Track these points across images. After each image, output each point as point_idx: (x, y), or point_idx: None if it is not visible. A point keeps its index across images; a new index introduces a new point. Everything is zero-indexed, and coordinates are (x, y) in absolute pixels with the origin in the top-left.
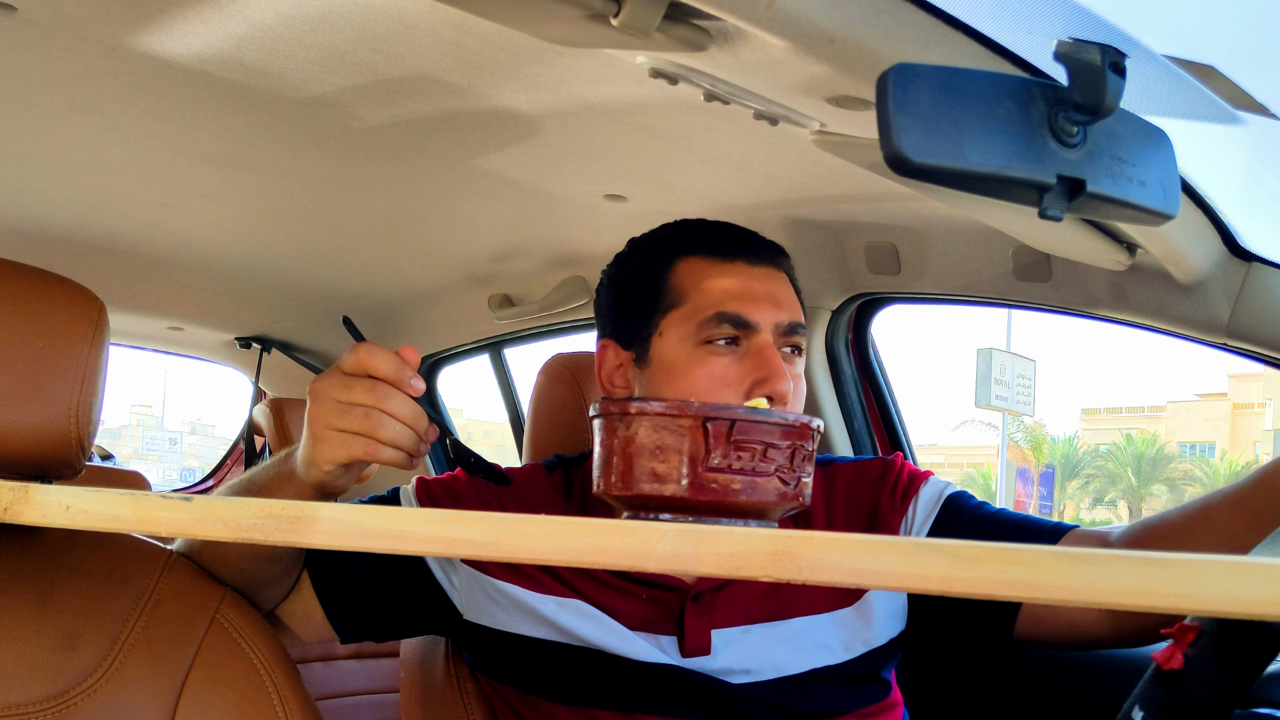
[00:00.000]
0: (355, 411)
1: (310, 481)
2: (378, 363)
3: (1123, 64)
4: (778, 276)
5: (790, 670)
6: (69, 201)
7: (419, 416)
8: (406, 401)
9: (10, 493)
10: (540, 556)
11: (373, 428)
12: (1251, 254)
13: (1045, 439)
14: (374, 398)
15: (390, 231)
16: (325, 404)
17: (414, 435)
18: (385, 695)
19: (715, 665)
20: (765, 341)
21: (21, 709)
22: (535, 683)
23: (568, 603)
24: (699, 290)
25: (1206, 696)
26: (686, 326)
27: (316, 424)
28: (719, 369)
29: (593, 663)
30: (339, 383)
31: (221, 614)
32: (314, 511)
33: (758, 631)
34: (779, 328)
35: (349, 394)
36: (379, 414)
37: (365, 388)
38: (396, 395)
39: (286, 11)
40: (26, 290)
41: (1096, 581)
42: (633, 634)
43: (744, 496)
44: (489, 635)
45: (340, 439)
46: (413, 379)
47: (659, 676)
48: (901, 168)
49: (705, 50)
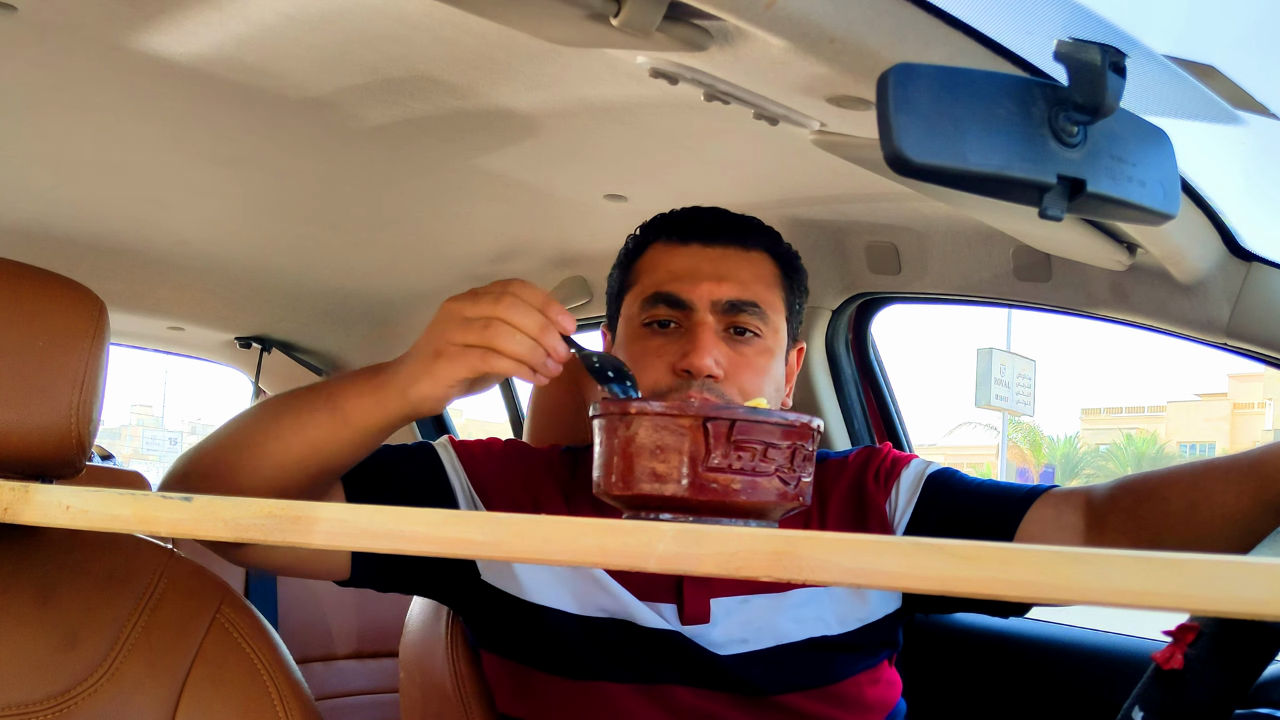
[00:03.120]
0: (477, 323)
1: (413, 398)
2: (521, 287)
3: (1123, 64)
4: (736, 255)
5: (788, 639)
6: (69, 201)
7: (545, 330)
8: (532, 314)
9: (10, 493)
10: (540, 556)
11: (492, 338)
12: (1251, 254)
13: (1042, 439)
14: (498, 308)
15: (390, 231)
16: (449, 320)
17: (539, 349)
18: (385, 695)
19: (715, 634)
20: (699, 320)
21: (21, 709)
22: (541, 656)
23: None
24: (649, 272)
25: (1206, 697)
26: (634, 306)
27: (438, 338)
28: (653, 346)
29: (600, 632)
30: (468, 298)
31: (221, 614)
32: (314, 512)
33: (756, 601)
34: (717, 305)
35: (474, 307)
36: (500, 324)
37: (492, 297)
38: (522, 306)
39: (286, 11)
40: (26, 290)
41: (1096, 581)
42: (638, 600)
43: (744, 496)
44: (500, 601)
45: (460, 354)
46: (561, 315)
47: (662, 644)
48: (901, 168)
49: (705, 50)
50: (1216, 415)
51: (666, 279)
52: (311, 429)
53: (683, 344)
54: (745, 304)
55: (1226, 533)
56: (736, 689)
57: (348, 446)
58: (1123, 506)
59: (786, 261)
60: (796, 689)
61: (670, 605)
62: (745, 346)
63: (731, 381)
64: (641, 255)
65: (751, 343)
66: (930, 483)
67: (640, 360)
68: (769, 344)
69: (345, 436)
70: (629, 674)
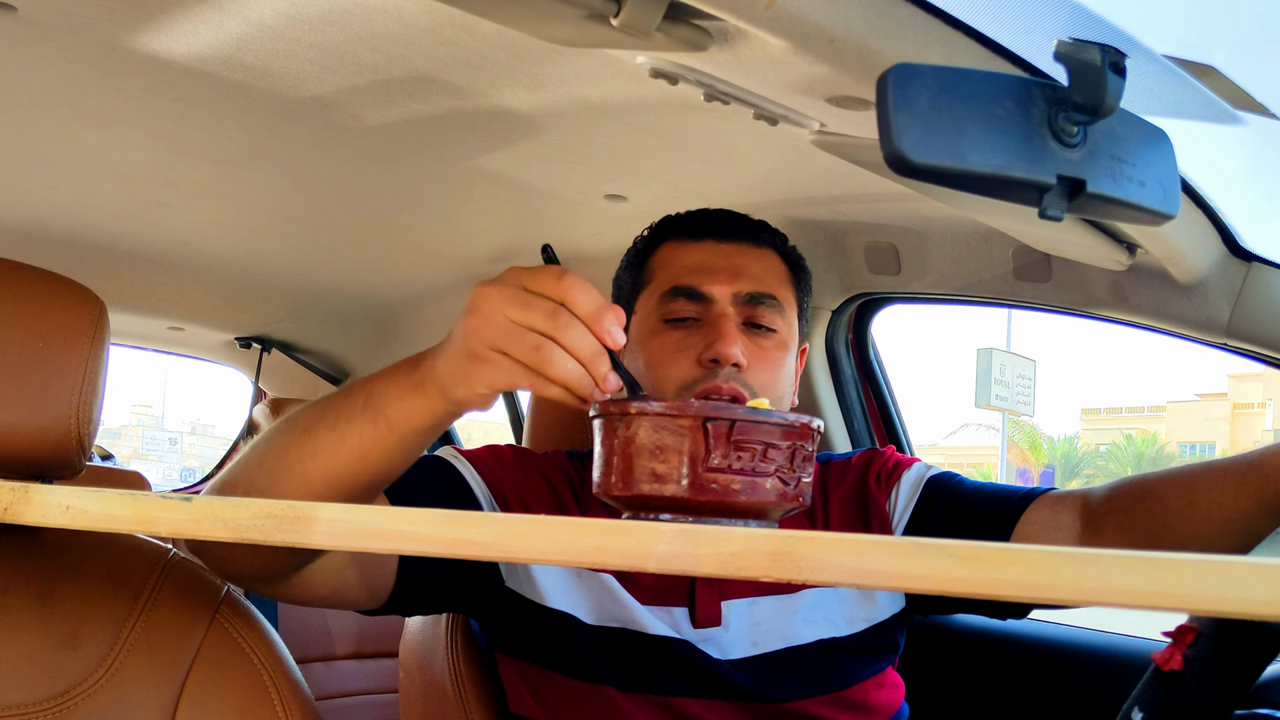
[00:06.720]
0: (527, 339)
1: (456, 398)
2: (578, 295)
3: (1123, 64)
4: (749, 251)
5: (798, 641)
6: (69, 201)
7: (598, 357)
8: (586, 337)
9: (10, 493)
10: (540, 557)
11: (544, 363)
12: (1251, 254)
13: (1042, 439)
14: (552, 326)
15: (390, 231)
16: (492, 318)
17: (588, 378)
18: (385, 695)
19: (725, 637)
20: (720, 311)
21: (21, 709)
22: (555, 658)
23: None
24: (664, 268)
25: (1206, 697)
26: (650, 302)
27: (477, 340)
28: (674, 340)
29: (610, 641)
30: (516, 297)
31: (221, 614)
32: (314, 512)
33: (765, 603)
34: (738, 298)
35: (525, 314)
36: (553, 347)
37: (546, 312)
38: (578, 327)
39: (286, 11)
40: (26, 290)
41: (1096, 581)
42: (645, 608)
43: (744, 497)
44: (521, 606)
45: (504, 365)
46: (613, 326)
47: (669, 653)
48: (901, 168)
49: (705, 50)
50: (1216, 415)
51: (684, 273)
52: (353, 439)
53: (705, 335)
54: (764, 296)
55: (1224, 533)
56: (745, 698)
57: (397, 452)
58: (1119, 507)
59: (794, 261)
60: (806, 696)
61: (682, 609)
62: (763, 340)
63: (752, 374)
64: (653, 254)
65: (769, 336)
66: (930, 485)
67: (661, 356)
68: (784, 338)
69: (393, 443)
70: (637, 684)
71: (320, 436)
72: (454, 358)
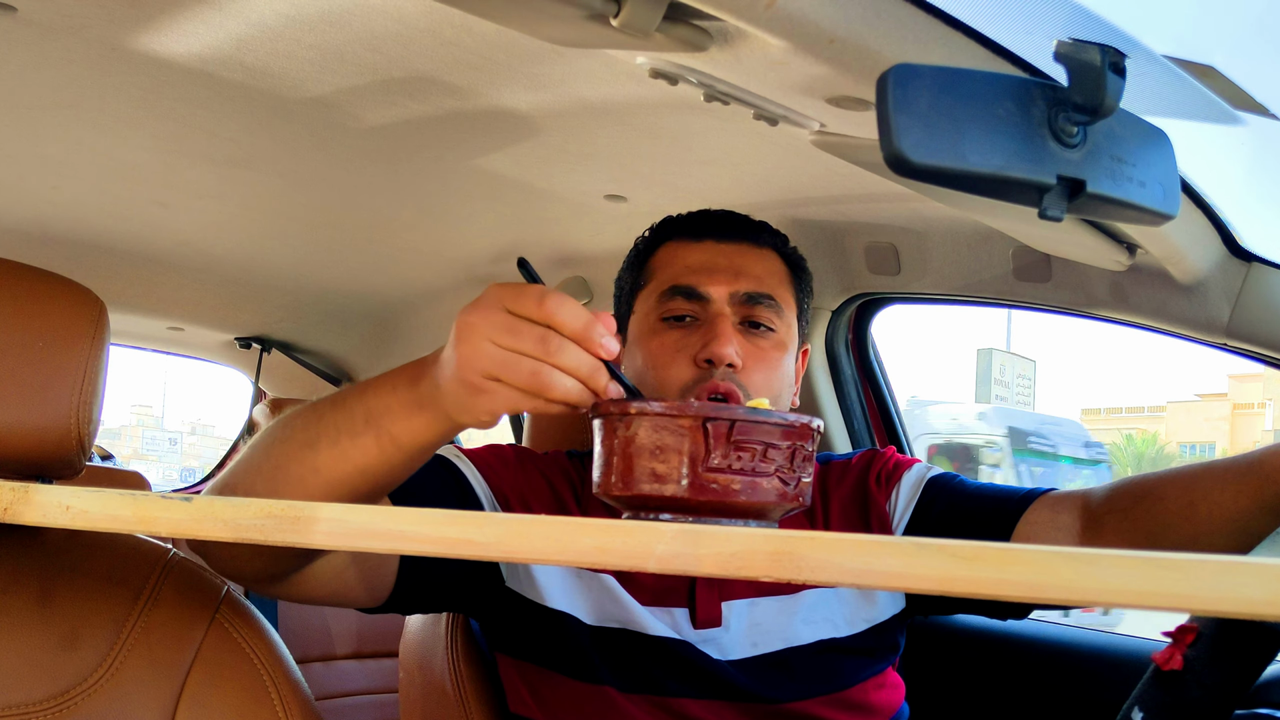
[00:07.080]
0: (521, 365)
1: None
2: (563, 315)
3: (1123, 64)
4: (750, 251)
5: (798, 641)
6: (69, 201)
7: (595, 371)
8: (580, 354)
9: (10, 493)
10: (541, 557)
11: (544, 388)
12: (1251, 254)
13: None
14: (544, 350)
15: (390, 232)
16: (482, 348)
17: (586, 392)
18: (385, 695)
19: (725, 638)
20: (716, 311)
21: (21, 709)
22: (555, 658)
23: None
24: (665, 268)
25: (1206, 697)
26: (649, 302)
27: (471, 371)
28: (672, 340)
29: (610, 642)
30: (503, 324)
31: (221, 614)
32: (314, 512)
33: (765, 604)
34: (735, 297)
35: (514, 341)
36: (549, 370)
37: (535, 338)
38: (570, 348)
39: (286, 11)
40: (26, 290)
41: (1096, 581)
42: (645, 609)
43: (744, 497)
44: (521, 607)
45: (504, 392)
46: (604, 338)
47: (669, 654)
48: (901, 168)
49: (705, 50)
50: (1216, 415)
51: (683, 273)
52: (358, 456)
53: (702, 335)
54: (762, 296)
55: (1224, 533)
56: (745, 698)
57: (401, 466)
58: (1119, 507)
59: (794, 262)
60: (806, 696)
61: (683, 610)
62: (761, 340)
63: (747, 374)
64: (654, 254)
65: (767, 336)
66: (930, 486)
67: (659, 355)
68: (783, 338)
69: (400, 460)
70: (637, 684)
71: (323, 452)
72: (453, 388)
